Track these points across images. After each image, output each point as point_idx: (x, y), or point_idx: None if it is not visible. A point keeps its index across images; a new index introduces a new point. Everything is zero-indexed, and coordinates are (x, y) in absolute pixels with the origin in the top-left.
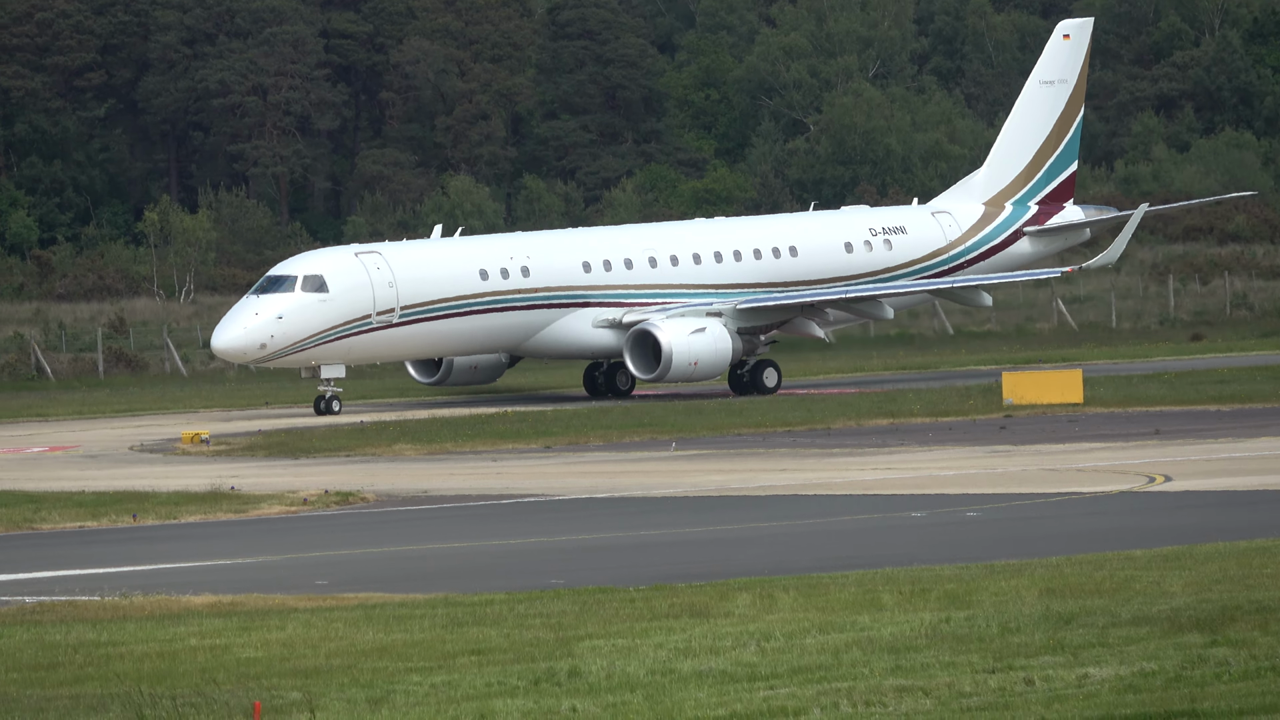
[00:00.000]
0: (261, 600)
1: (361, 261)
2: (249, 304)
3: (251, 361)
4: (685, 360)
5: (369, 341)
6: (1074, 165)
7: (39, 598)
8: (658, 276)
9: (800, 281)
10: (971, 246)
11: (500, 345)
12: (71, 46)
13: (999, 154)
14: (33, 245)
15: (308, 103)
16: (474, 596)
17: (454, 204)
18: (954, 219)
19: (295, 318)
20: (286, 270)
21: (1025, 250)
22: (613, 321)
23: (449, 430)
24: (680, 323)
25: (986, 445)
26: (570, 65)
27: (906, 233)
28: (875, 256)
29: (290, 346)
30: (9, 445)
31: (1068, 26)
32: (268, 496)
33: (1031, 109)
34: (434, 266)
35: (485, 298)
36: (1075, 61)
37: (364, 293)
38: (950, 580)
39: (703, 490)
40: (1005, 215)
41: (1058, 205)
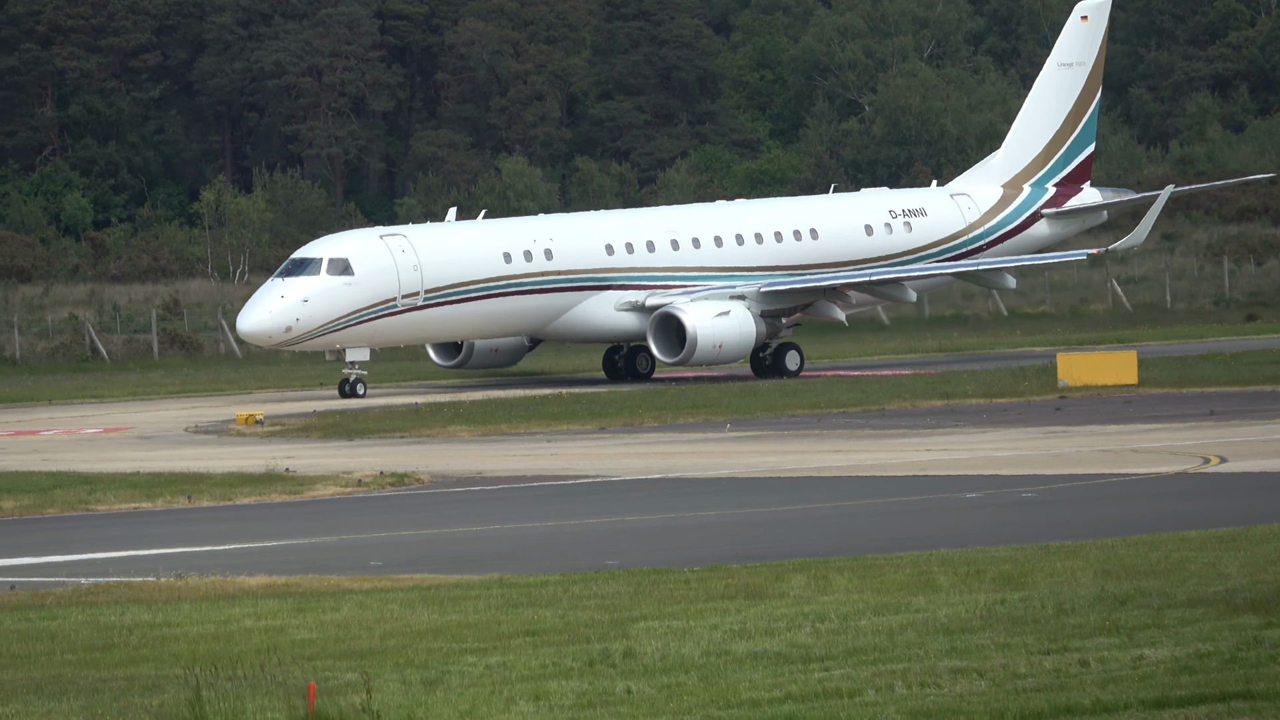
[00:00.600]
0: (316, 581)
1: (386, 244)
2: (274, 287)
3: (277, 345)
4: (710, 343)
5: (394, 324)
6: (1091, 147)
7: (94, 579)
8: (680, 259)
9: (821, 264)
10: (991, 229)
11: (524, 328)
12: (127, 27)
13: (1017, 136)
14: (88, 227)
15: (363, 84)
16: (529, 578)
17: (507, 185)
18: (973, 201)
19: (321, 301)
20: (312, 253)
21: (1043, 232)
22: (635, 304)
23: (504, 411)
24: (704, 305)
25: (1041, 426)
26: (625, 46)
27: (926, 215)
28: (895, 239)
29: (316, 329)
30: (64, 426)
31: (1085, 8)
32: (322, 478)
33: (1049, 91)
34: (458, 249)
35: (509, 280)
36: (1093, 43)
37: (389, 275)
38: (1005, 561)
39: (757, 471)
40: (1023, 197)
41: (1075, 187)
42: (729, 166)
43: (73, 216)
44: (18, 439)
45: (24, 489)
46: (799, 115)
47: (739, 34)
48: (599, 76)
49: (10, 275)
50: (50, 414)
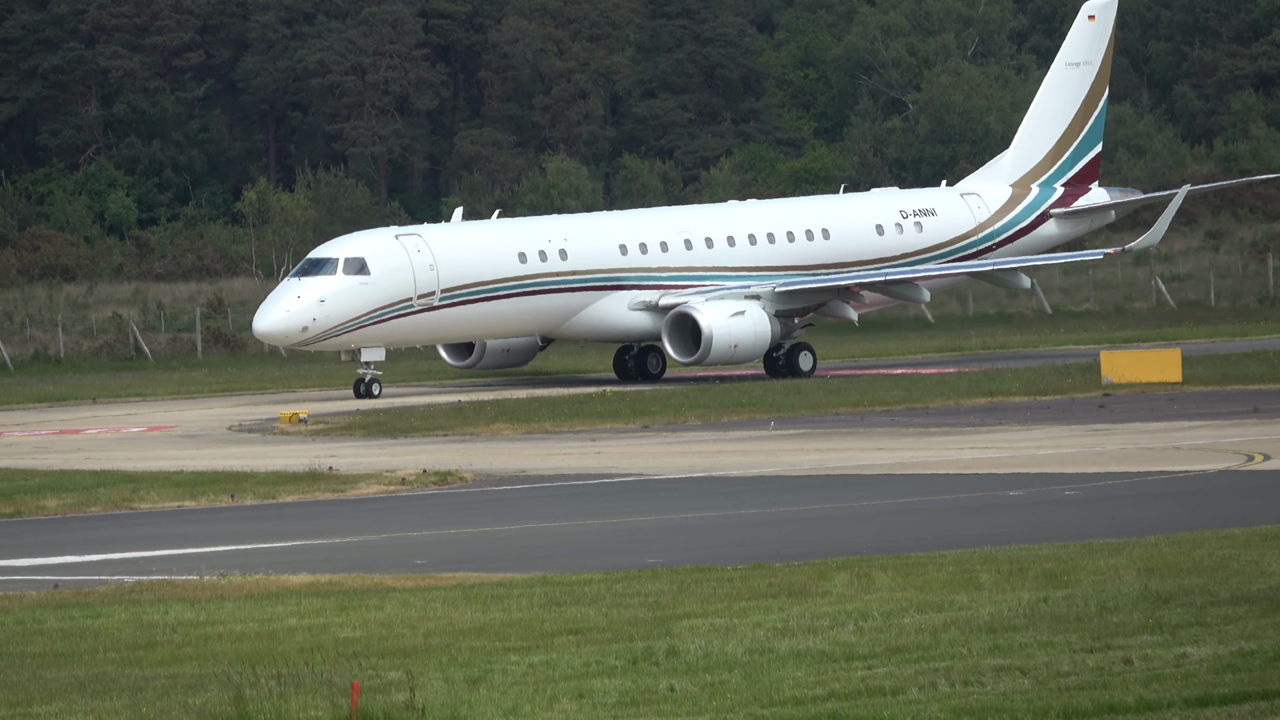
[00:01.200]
0: (360, 580)
1: (402, 244)
2: (291, 286)
3: (294, 344)
4: (725, 343)
5: (410, 324)
6: (1099, 147)
7: (137, 577)
8: (693, 259)
9: (833, 264)
10: (1000, 229)
11: (538, 328)
12: (170, 26)
13: (1025, 136)
14: (132, 225)
15: (406, 82)
16: (572, 576)
17: (551, 184)
18: (982, 201)
19: (337, 300)
20: (328, 253)
21: (1052, 232)
22: (649, 304)
23: (547, 410)
24: (720, 305)
25: (1085, 424)
26: (669, 44)
27: (936, 215)
28: (906, 239)
29: (332, 329)
30: (108, 425)
31: (1092, 7)
32: (366, 476)
33: (1058, 91)
34: (473, 249)
35: (524, 280)
36: (1100, 43)
37: (405, 275)
38: (1048, 559)
39: (800, 469)
40: (1032, 197)
41: (1083, 187)
42: (773, 165)
43: (117, 215)
44: (62, 437)
45: (68, 487)
46: (842, 113)
47: (783, 32)
48: (643, 75)
49: (55, 274)
50: (94, 412)
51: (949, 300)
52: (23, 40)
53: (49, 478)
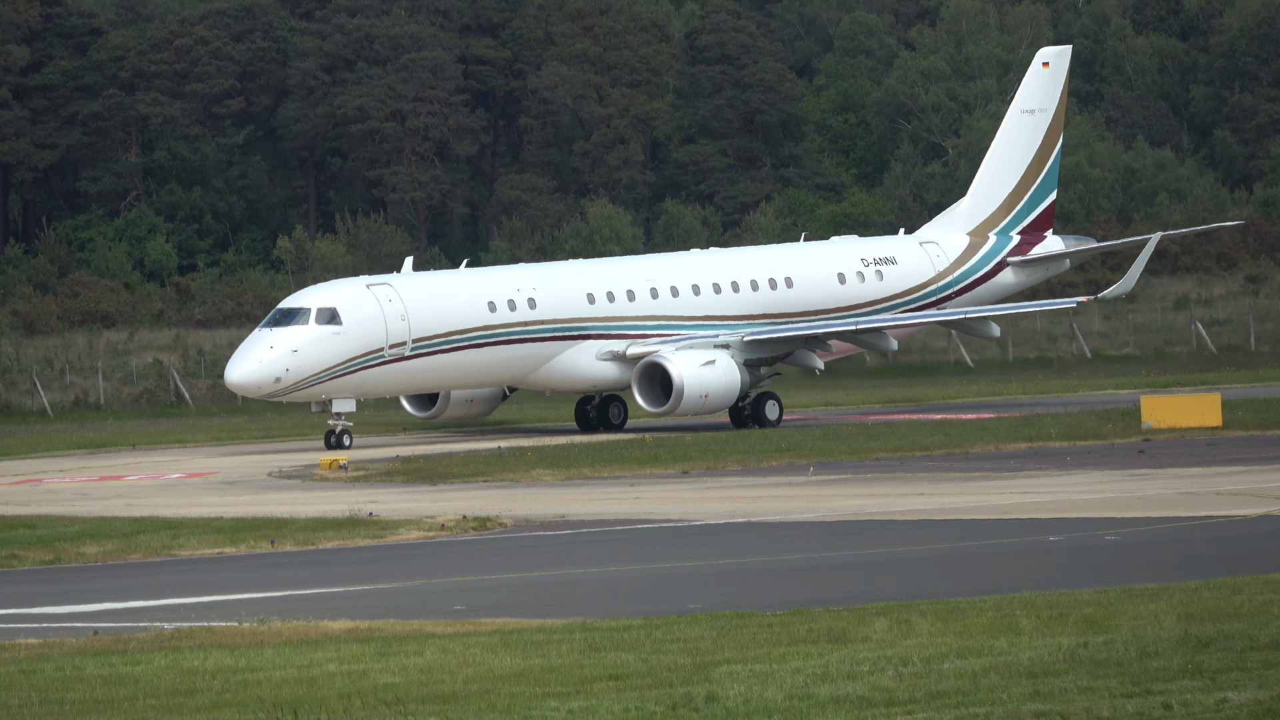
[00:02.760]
0: (399, 625)
1: (373, 293)
2: (263, 337)
3: (265, 395)
4: (696, 393)
5: (381, 375)
6: (1053, 194)
7: (177, 624)
8: (658, 308)
9: (796, 313)
10: (959, 277)
11: (507, 378)
12: (210, 73)
13: (982, 184)
14: (172, 272)
15: (446, 128)
16: (611, 621)
17: (593, 229)
18: (941, 249)
19: (310, 351)
20: (299, 303)
21: (1009, 281)
22: (616, 354)
23: (587, 455)
24: (690, 355)
25: (1125, 469)
26: (708, 90)
27: (897, 263)
28: (868, 288)
29: (305, 380)
30: (148, 471)
31: (1047, 54)
32: (406, 522)
33: (1013, 138)
34: (444, 298)
35: (494, 330)
36: (1055, 90)
37: (377, 325)
38: (1088, 604)
39: (840, 515)
40: (989, 246)
41: (1039, 235)
42: (812, 210)
43: (157, 262)
44: (102, 484)
45: (108, 534)
46: (882, 158)
47: (822, 77)
48: (682, 120)
49: (95, 320)
50: (134, 459)
51: (988, 345)
52: (63, 87)
53: (89, 524)
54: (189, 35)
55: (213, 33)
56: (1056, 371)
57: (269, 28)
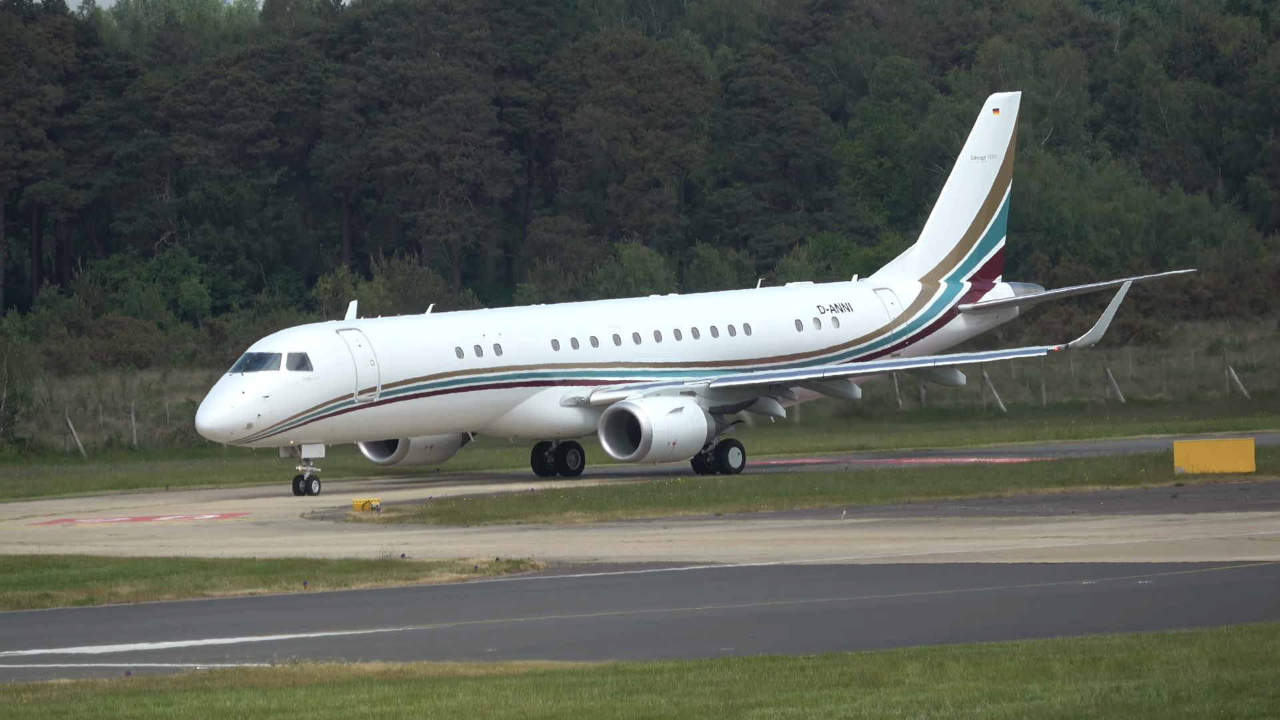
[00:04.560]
0: (431, 668)
1: (343, 339)
2: (234, 382)
3: (238, 441)
4: (665, 440)
5: (350, 420)
6: (1002, 241)
7: (210, 664)
8: (622, 354)
9: (754, 360)
10: (913, 324)
11: (473, 424)
12: (245, 114)
13: (933, 230)
14: (205, 313)
15: (480, 170)
16: (643, 664)
17: (626, 272)
18: (895, 296)
19: (281, 396)
20: (269, 348)
21: (960, 328)
22: (580, 400)
23: (620, 497)
24: (658, 402)
25: (1158, 514)
26: (743, 133)
27: (852, 310)
28: (824, 334)
29: (276, 426)
30: (181, 512)
31: (997, 100)
32: (438, 564)
33: (963, 184)
34: (412, 344)
35: (461, 376)
36: (1004, 136)
37: (347, 370)
38: (1121, 649)
39: (873, 558)
40: (941, 293)
41: (989, 282)
42: (846, 254)
43: (190, 302)
44: (135, 525)
45: (141, 574)
46: (917, 202)
47: (857, 121)
48: (717, 163)
49: (129, 361)
50: (167, 500)
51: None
52: (97, 127)
53: (122, 564)
54: (224, 76)
55: (248, 74)
56: (1089, 416)
57: (304, 69)
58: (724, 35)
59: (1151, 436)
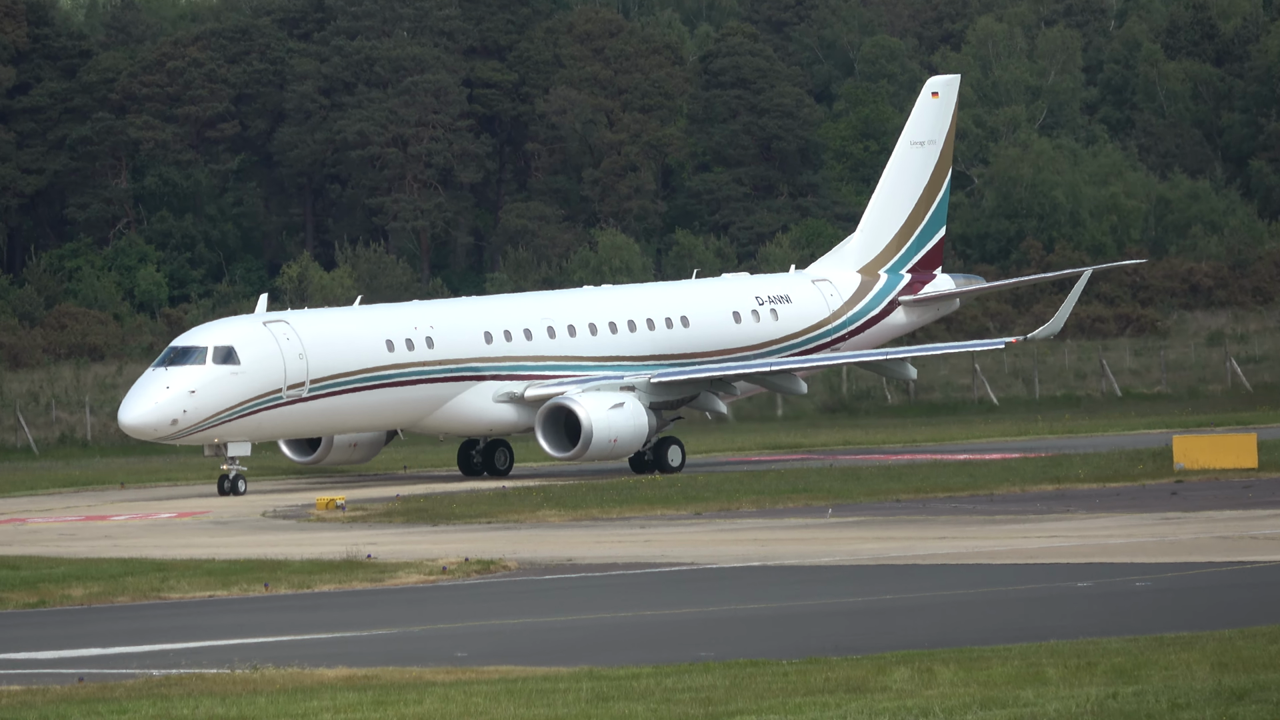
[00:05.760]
0: (398, 673)
1: (270, 331)
2: (157, 377)
3: (161, 438)
4: (605, 437)
5: (278, 417)
6: (942, 230)
7: (166, 670)
8: (556, 348)
9: (692, 354)
10: (853, 317)
11: (403, 421)
12: (204, 96)
13: (871, 219)
14: (163, 303)
15: (450, 154)
16: (619, 670)
17: (602, 259)
18: (835, 288)
19: (208, 391)
20: (194, 341)
21: (900, 321)
22: (514, 396)
23: (595, 496)
24: (598, 397)
25: (1156, 512)
26: (723, 115)
27: (791, 302)
28: (763, 328)
29: (203, 422)
30: (137, 511)
31: (936, 84)
32: (405, 565)
33: (902, 171)
34: (341, 337)
35: (391, 370)
36: (944, 121)
37: (275, 363)
38: (1118, 653)
39: (859, 559)
40: (881, 285)
41: (929, 274)
42: (832, 241)
43: (147, 292)
44: (89, 524)
45: (94, 576)
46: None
47: (842, 103)
48: (696, 147)
49: (83, 353)
50: (122, 498)
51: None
52: (50, 109)
53: (75, 566)
54: (182, 57)
55: (207, 54)
56: (1085, 410)
57: (265, 49)
58: (703, 14)
59: (1150, 431)
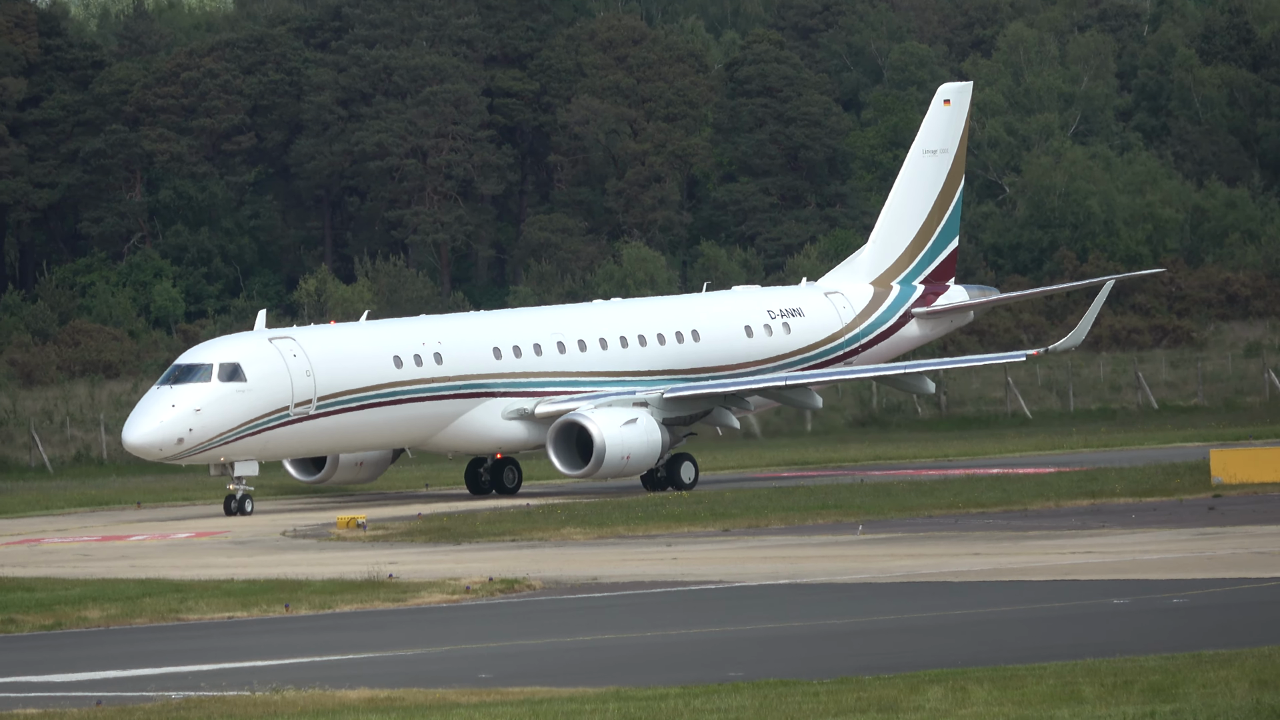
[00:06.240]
0: (421, 695)
1: (277, 348)
2: (162, 395)
3: (167, 458)
4: (619, 455)
5: (286, 435)
6: (955, 241)
7: (185, 693)
8: (566, 363)
9: (703, 368)
10: (866, 330)
11: (412, 439)
12: (219, 108)
13: (883, 230)
14: (179, 319)
15: (470, 165)
16: (647, 690)
17: (627, 272)
18: (847, 300)
19: (214, 410)
20: (199, 358)
21: (914, 333)
22: (524, 412)
23: (620, 513)
24: (610, 413)
25: (1194, 527)
26: (750, 124)
27: (803, 315)
28: (775, 341)
29: (209, 441)
30: (154, 531)
31: (948, 91)
32: (428, 584)
33: (915, 181)
34: (348, 353)
35: (400, 387)
36: (956, 129)
37: (281, 381)
38: (1155, 671)
39: (891, 576)
40: (894, 296)
41: (942, 285)
42: None
43: (163, 308)
44: (105, 544)
45: (111, 597)
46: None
47: (870, 111)
48: (722, 157)
49: (97, 370)
50: (139, 517)
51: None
52: (62, 122)
53: (91, 587)
54: (197, 68)
55: (222, 65)
56: (1120, 423)
57: (282, 59)
58: (728, 20)
59: (1186, 445)
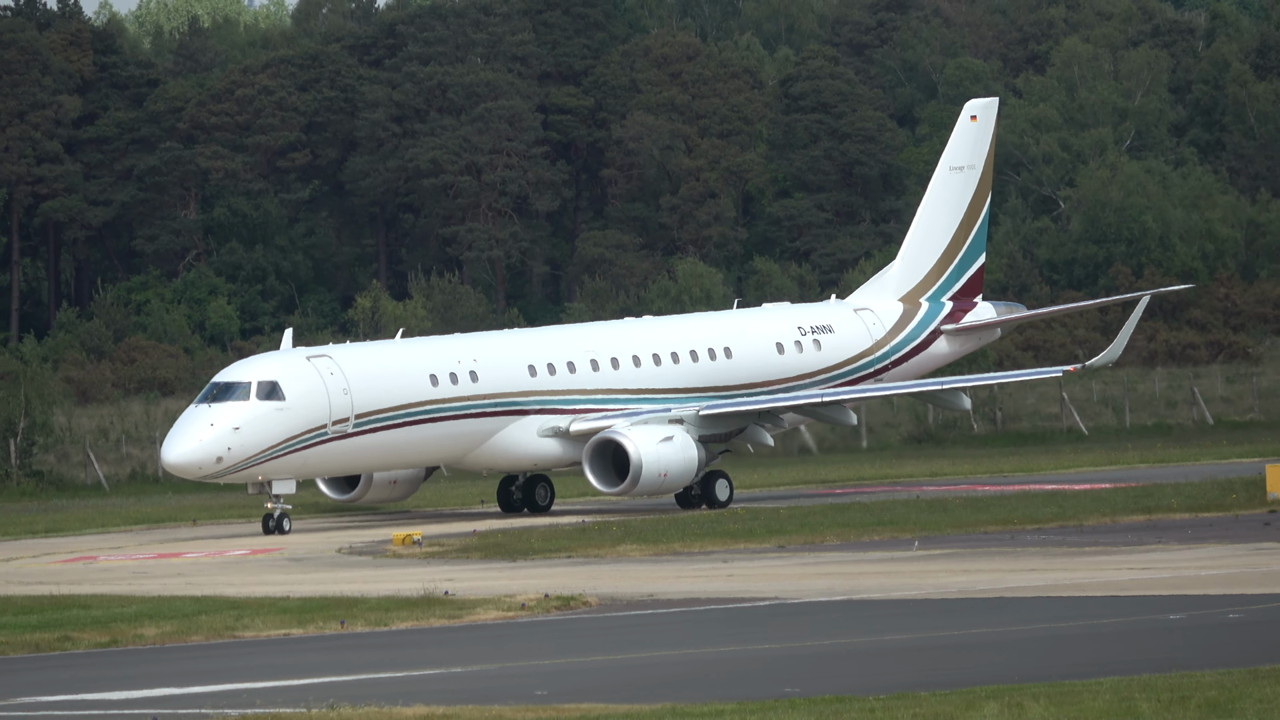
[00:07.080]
0: (477, 712)
1: (314, 366)
2: (200, 414)
3: (206, 477)
4: (655, 472)
5: (324, 453)
6: (983, 257)
7: (241, 710)
8: (600, 380)
9: (735, 385)
10: (896, 347)
11: (447, 456)
12: (274, 125)
13: (911, 246)
14: (234, 336)
15: (525, 182)
16: (703, 707)
17: (681, 289)
18: (877, 317)
19: (253, 428)
20: (237, 376)
21: (943, 350)
22: (559, 430)
23: (676, 529)
24: (647, 430)
25: (1250, 543)
26: (804, 140)
27: (834, 332)
28: (806, 358)
29: (248, 460)
30: (211, 548)
31: (974, 107)
32: (483, 601)
33: (942, 197)
34: (385, 371)
35: (436, 404)
36: (983, 144)
37: (319, 399)
38: (1212, 687)
39: (947, 592)
40: (923, 313)
41: (969, 301)
42: None
43: (218, 325)
44: (161, 562)
45: (167, 615)
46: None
47: (925, 126)
48: (776, 173)
49: (153, 388)
50: (195, 535)
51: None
52: (117, 140)
53: (147, 604)
54: (251, 85)
55: (276, 82)
56: (1176, 439)
57: (336, 76)
58: (783, 37)
59: (1242, 460)
